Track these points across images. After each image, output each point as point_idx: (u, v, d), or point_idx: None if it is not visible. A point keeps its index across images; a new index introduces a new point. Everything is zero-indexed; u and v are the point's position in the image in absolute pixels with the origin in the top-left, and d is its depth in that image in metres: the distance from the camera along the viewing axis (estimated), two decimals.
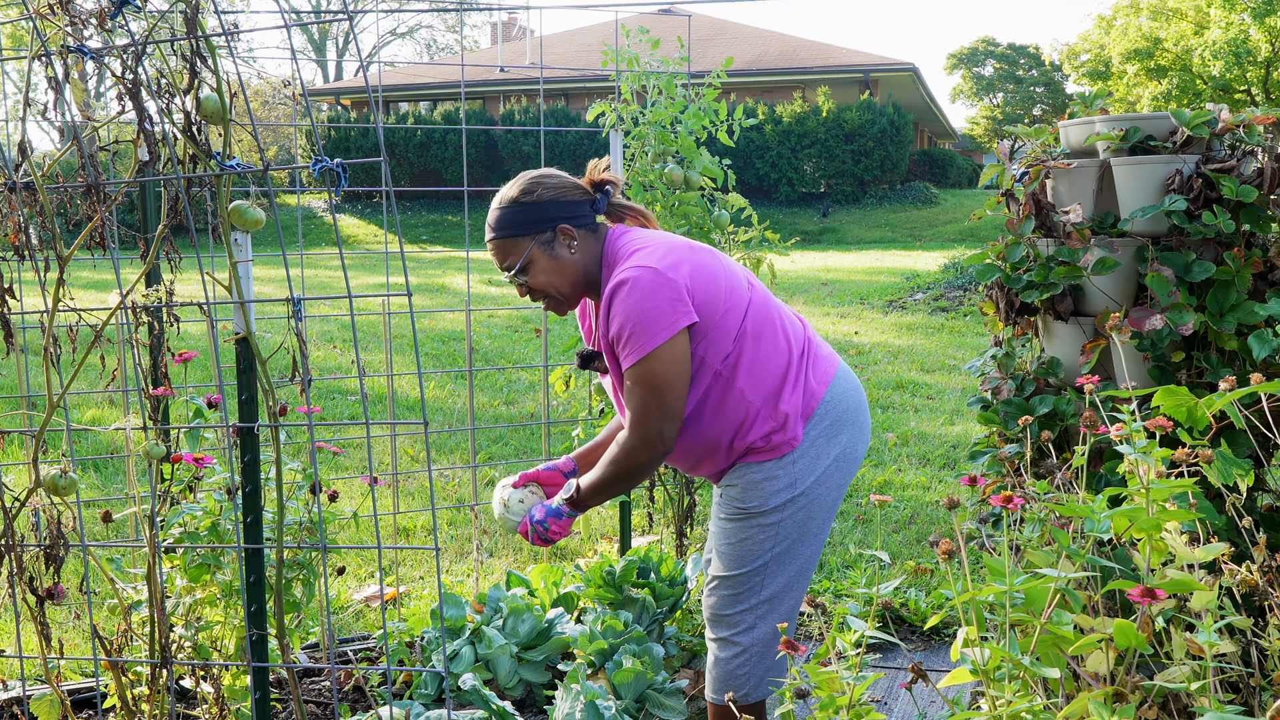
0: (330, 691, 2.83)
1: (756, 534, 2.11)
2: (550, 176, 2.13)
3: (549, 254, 2.10)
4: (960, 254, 12.73)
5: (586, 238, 2.12)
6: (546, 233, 2.09)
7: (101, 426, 4.30)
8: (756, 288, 2.15)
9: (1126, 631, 1.36)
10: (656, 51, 3.56)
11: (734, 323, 2.05)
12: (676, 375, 1.99)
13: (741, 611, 2.15)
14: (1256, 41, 22.65)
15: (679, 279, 1.99)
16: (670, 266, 2.00)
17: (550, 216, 2.09)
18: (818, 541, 2.16)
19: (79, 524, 1.96)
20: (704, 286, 2.02)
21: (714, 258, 2.11)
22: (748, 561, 2.12)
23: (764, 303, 2.12)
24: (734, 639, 2.15)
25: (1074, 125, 2.81)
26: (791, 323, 2.17)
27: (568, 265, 2.10)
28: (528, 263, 2.10)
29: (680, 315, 1.97)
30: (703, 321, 2.02)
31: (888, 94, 24.45)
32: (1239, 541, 2.27)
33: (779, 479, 2.08)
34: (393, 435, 3.96)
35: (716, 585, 2.18)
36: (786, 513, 2.10)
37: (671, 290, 1.97)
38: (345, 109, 26.55)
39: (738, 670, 2.16)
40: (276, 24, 6.13)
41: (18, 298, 1.97)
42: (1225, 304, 2.48)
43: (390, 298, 4.19)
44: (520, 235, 2.09)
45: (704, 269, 2.05)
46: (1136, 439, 1.62)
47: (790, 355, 2.10)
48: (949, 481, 4.99)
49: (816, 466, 2.10)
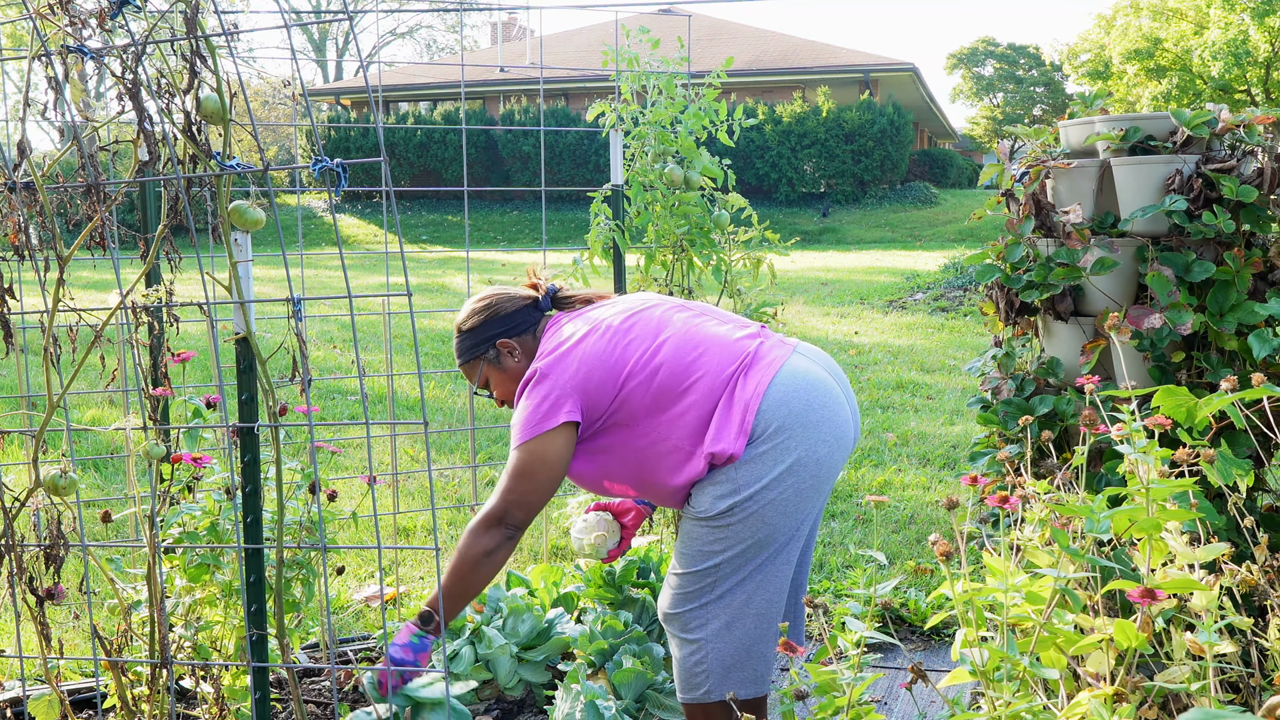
0: (330, 691, 2.83)
1: (705, 535, 2.12)
2: (487, 299, 2.34)
3: (498, 368, 2.31)
4: (960, 254, 12.73)
5: (528, 342, 2.31)
6: (489, 351, 2.31)
7: (101, 426, 4.30)
8: (673, 336, 2.17)
9: (1126, 631, 1.36)
10: (656, 51, 3.56)
11: (641, 391, 2.13)
12: (537, 470, 2.12)
13: (692, 609, 2.14)
14: (1256, 42, 22.66)
15: (564, 376, 2.12)
16: (554, 364, 2.14)
17: (488, 337, 2.30)
18: (782, 546, 2.13)
19: (79, 524, 1.96)
20: (597, 374, 2.13)
21: (609, 336, 2.18)
22: (697, 561, 2.13)
23: (679, 347, 2.15)
24: (686, 637, 2.16)
25: (1074, 125, 2.81)
26: (721, 347, 2.16)
27: (516, 374, 2.30)
28: (485, 380, 2.34)
29: (550, 416, 2.10)
30: (595, 405, 2.13)
31: (888, 94, 24.45)
32: (1239, 541, 2.27)
33: (721, 484, 2.09)
34: (393, 435, 3.96)
35: (668, 582, 2.20)
36: (735, 516, 2.08)
37: (552, 389, 2.12)
38: (345, 109, 26.55)
39: (695, 668, 2.15)
40: (276, 24, 6.12)
41: (18, 298, 1.97)
42: (1225, 304, 2.48)
43: (390, 298, 4.19)
44: (469, 360, 2.32)
45: (590, 358, 2.14)
46: (1136, 439, 1.61)
47: (712, 388, 2.12)
48: (949, 481, 4.99)
49: (764, 474, 2.07)
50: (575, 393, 2.12)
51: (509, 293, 2.35)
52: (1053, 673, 1.37)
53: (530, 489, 2.12)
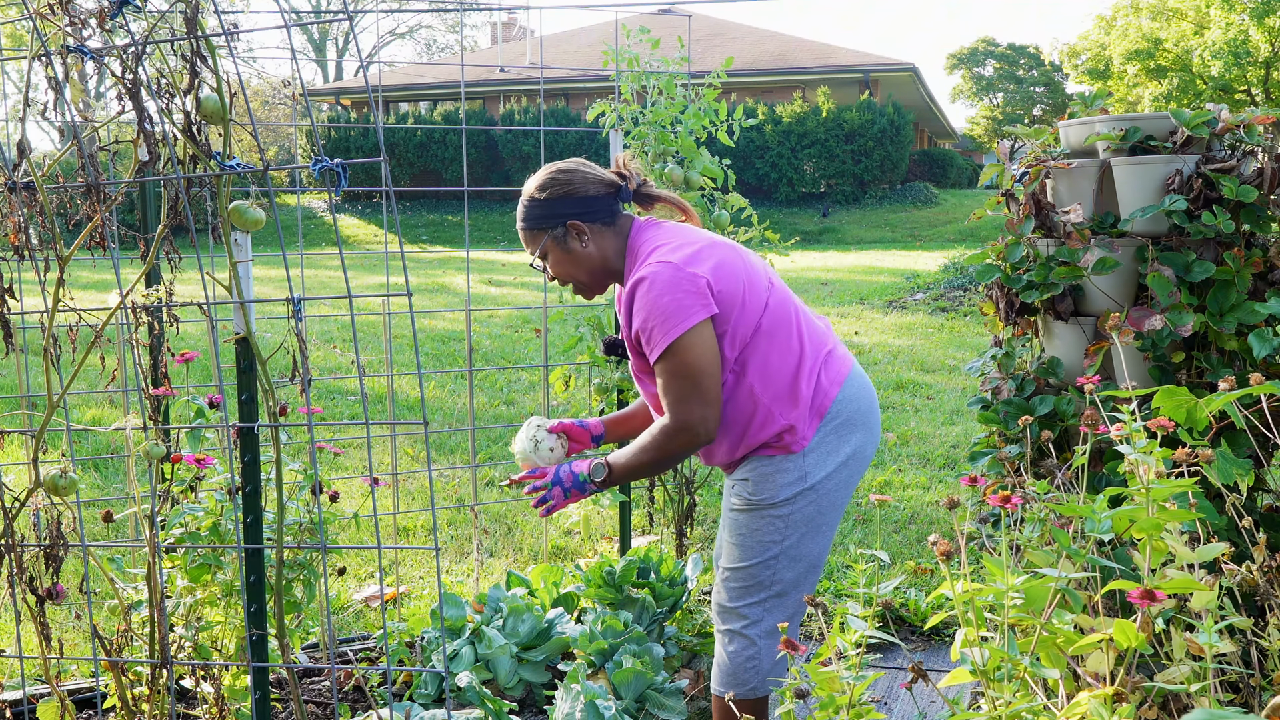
0: (330, 691, 2.83)
1: (766, 525, 2.13)
2: (569, 171, 2.19)
3: (562, 248, 2.18)
4: (960, 254, 12.72)
5: (602, 232, 2.18)
6: (558, 229, 2.16)
7: (101, 426, 4.30)
8: (776, 287, 2.17)
9: (1126, 631, 1.36)
10: (656, 51, 3.56)
11: (750, 320, 2.09)
12: (706, 361, 2.03)
13: (751, 604, 2.16)
14: (1256, 42, 22.65)
15: (699, 273, 2.04)
16: (688, 260, 2.05)
17: (560, 214, 2.16)
18: (826, 538, 2.18)
19: (79, 524, 1.96)
20: (724, 283, 2.06)
21: (736, 254, 2.15)
22: (758, 553, 2.14)
23: (782, 302, 2.15)
24: (744, 631, 2.16)
25: (1074, 125, 2.80)
26: (809, 323, 2.19)
27: (582, 258, 2.18)
28: (544, 253, 2.20)
29: (700, 307, 2.02)
30: (721, 316, 2.06)
31: (888, 94, 24.44)
32: (1239, 541, 2.27)
33: (789, 471, 2.11)
34: (393, 435, 3.96)
35: (727, 577, 2.19)
36: (796, 505, 2.12)
37: (691, 284, 2.02)
38: (345, 109, 26.54)
39: (746, 664, 2.16)
40: (276, 24, 6.12)
41: (18, 298, 1.96)
42: (1225, 304, 2.48)
43: (390, 298, 4.19)
44: (535, 229, 2.18)
45: (725, 265, 2.09)
46: (1137, 439, 1.61)
47: (803, 355, 2.12)
48: (949, 481, 4.99)
49: (827, 463, 2.13)
50: (710, 291, 2.04)
51: (592, 173, 2.20)
52: (1053, 673, 1.37)
53: (711, 384, 2.04)
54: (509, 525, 4.41)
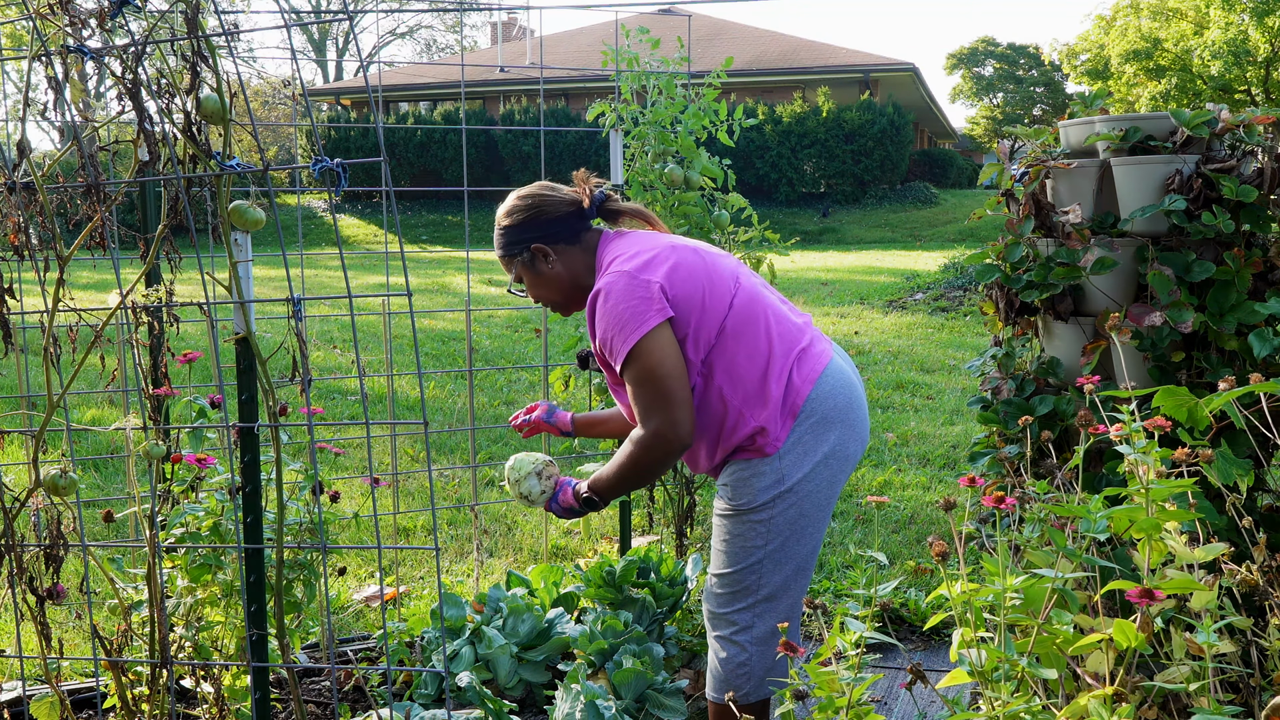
0: (330, 691, 2.83)
1: (749, 531, 2.12)
2: (532, 196, 2.25)
3: (532, 270, 2.24)
4: (960, 254, 12.73)
5: (568, 251, 2.23)
6: (524, 253, 2.23)
7: (101, 426, 4.30)
8: (743, 286, 2.15)
9: (1126, 631, 1.36)
10: (656, 51, 3.56)
11: (713, 322, 2.09)
12: (670, 365, 2.04)
13: (739, 610, 2.15)
14: (1256, 41, 22.64)
15: (652, 279, 2.06)
16: (641, 268, 2.07)
17: (524, 239, 2.22)
18: (813, 539, 2.16)
19: (79, 524, 1.96)
20: (680, 286, 2.08)
21: (696, 255, 2.15)
22: (742, 559, 2.13)
23: (750, 302, 2.13)
24: (733, 638, 2.16)
25: (1074, 125, 2.81)
26: (781, 322, 2.16)
27: (551, 279, 2.24)
28: (519, 278, 2.28)
29: (654, 312, 2.04)
30: (680, 319, 2.07)
31: (888, 94, 24.45)
32: (1239, 541, 2.27)
33: (766, 475, 2.10)
34: (393, 435, 3.96)
35: (714, 583, 2.19)
36: (777, 509, 2.11)
37: (644, 290, 2.05)
38: (345, 109, 26.55)
39: (738, 670, 2.16)
40: (276, 24, 6.13)
41: (18, 298, 1.97)
42: (1225, 304, 2.48)
43: (390, 298, 4.19)
44: (506, 255, 2.26)
45: (681, 268, 2.10)
46: (1136, 439, 1.61)
47: (771, 355, 2.10)
48: (949, 482, 4.99)
49: (804, 464, 2.11)
50: (666, 296, 2.06)
51: (555, 195, 2.25)
52: (1051, 673, 1.37)
53: (677, 385, 2.04)
54: (509, 525, 4.41)
